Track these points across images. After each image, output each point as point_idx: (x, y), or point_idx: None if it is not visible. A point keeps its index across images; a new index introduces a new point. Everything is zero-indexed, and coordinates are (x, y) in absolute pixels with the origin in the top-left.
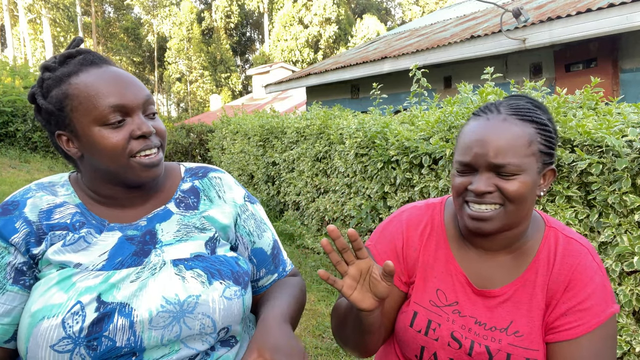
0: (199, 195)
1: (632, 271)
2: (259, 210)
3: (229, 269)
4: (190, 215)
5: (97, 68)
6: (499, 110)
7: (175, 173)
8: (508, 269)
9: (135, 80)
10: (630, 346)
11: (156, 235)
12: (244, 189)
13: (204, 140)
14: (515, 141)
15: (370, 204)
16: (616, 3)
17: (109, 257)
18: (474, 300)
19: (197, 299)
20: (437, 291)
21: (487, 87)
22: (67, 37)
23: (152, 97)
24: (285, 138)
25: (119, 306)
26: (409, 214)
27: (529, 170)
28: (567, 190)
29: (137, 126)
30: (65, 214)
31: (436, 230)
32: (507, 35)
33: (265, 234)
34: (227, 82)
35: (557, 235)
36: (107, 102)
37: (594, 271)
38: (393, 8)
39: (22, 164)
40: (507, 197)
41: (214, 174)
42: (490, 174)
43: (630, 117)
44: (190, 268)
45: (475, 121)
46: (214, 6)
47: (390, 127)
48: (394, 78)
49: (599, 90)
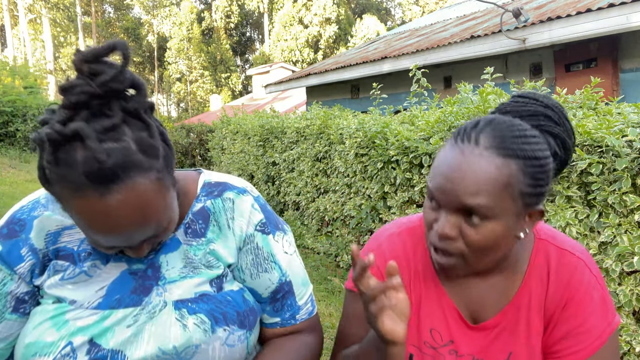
0: (208, 220)
1: (632, 271)
2: (272, 244)
3: (235, 310)
4: (197, 246)
5: (96, 199)
6: (477, 142)
7: (190, 188)
8: (500, 291)
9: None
10: (630, 346)
11: (160, 270)
12: (265, 214)
13: (204, 140)
14: (488, 184)
15: (370, 204)
16: (616, 3)
17: (106, 294)
18: (470, 335)
19: (196, 348)
20: (431, 331)
21: (487, 87)
22: (67, 37)
23: (162, 227)
24: (285, 138)
25: (111, 353)
26: (389, 244)
27: (503, 215)
28: (567, 190)
29: (125, 250)
30: (74, 239)
31: (421, 260)
32: (507, 35)
33: (266, 274)
34: (227, 82)
35: (547, 248)
36: (107, 242)
37: (592, 286)
38: (393, 8)
39: (22, 164)
40: (469, 247)
41: (228, 194)
42: (457, 215)
43: (630, 117)
44: (194, 312)
45: (450, 148)
46: (214, 6)
47: (390, 127)
48: (394, 78)
49: (599, 90)
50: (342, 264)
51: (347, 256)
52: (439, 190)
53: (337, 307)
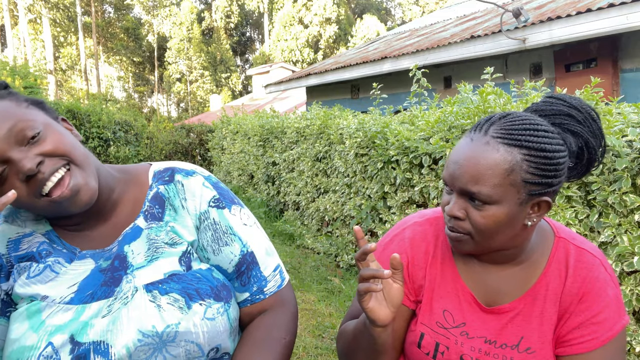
0: (164, 204)
1: (632, 271)
2: (229, 217)
3: (208, 286)
4: (157, 228)
5: None
6: (486, 131)
7: (142, 179)
8: (517, 282)
9: None
10: (631, 346)
11: (126, 259)
12: (217, 191)
13: (204, 140)
14: (490, 169)
15: (370, 204)
16: (616, 3)
17: (78, 289)
18: (483, 318)
19: (176, 327)
20: (444, 312)
21: (487, 87)
22: (67, 37)
23: (28, 120)
24: (285, 138)
25: (94, 345)
26: (411, 231)
27: (504, 201)
28: (567, 190)
29: (16, 170)
30: (32, 243)
31: (441, 247)
32: (507, 35)
33: (228, 248)
34: (227, 82)
35: (567, 246)
36: None
37: (607, 283)
38: (393, 8)
39: None
40: (474, 228)
41: (178, 177)
42: (464, 199)
43: (630, 117)
44: (166, 292)
45: (464, 138)
46: (214, 6)
47: (390, 127)
48: (394, 78)
49: (599, 90)
50: (342, 264)
51: (347, 256)
52: (450, 176)
53: (337, 307)
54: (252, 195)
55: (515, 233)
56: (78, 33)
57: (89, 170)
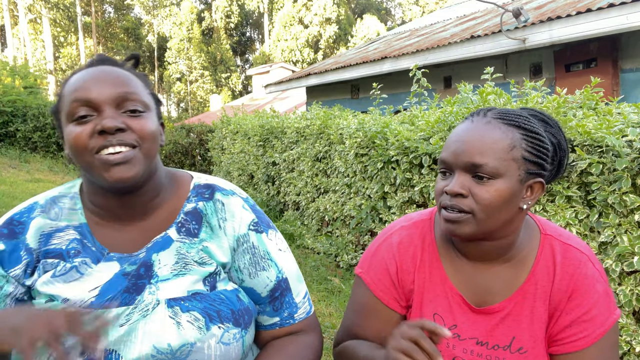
0: (201, 221)
1: (632, 271)
2: (267, 242)
3: (229, 309)
4: (190, 244)
5: (90, 68)
6: (485, 114)
7: (183, 187)
8: (505, 280)
9: (115, 76)
10: (630, 346)
11: (152, 268)
12: (255, 214)
13: (204, 140)
14: (494, 143)
15: (370, 204)
16: (616, 3)
17: (99, 293)
18: (474, 319)
19: (191, 346)
20: (434, 315)
21: (487, 87)
22: (67, 37)
23: (139, 94)
24: (285, 138)
25: (105, 353)
26: (398, 236)
27: (507, 175)
28: (567, 190)
29: (100, 120)
30: (63, 240)
31: (428, 250)
32: (507, 35)
33: (264, 272)
34: (227, 82)
35: (553, 242)
36: (74, 96)
37: (595, 279)
38: (393, 8)
39: (22, 164)
40: (479, 204)
41: (219, 195)
42: (466, 176)
43: (630, 117)
44: (187, 310)
45: (462, 124)
46: (214, 6)
47: (390, 127)
48: (394, 78)
49: (599, 90)
50: (342, 264)
51: (347, 256)
52: (452, 154)
53: (337, 307)
54: (252, 195)
55: (512, 216)
56: (78, 33)
57: (147, 160)
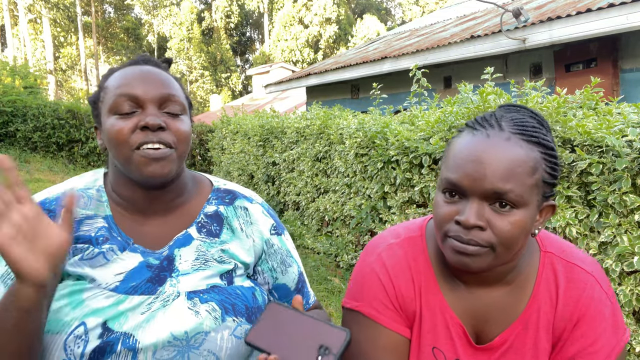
0: (222, 223)
1: (632, 271)
2: (285, 242)
3: (244, 304)
4: (211, 243)
5: (134, 66)
6: (501, 126)
7: (204, 189)
8: (505, 306)
9: (160, 77)
10: (630, 346)
11: (174, 262)
12: (273, 218)
13: (204, 140)
14: (519, 166)
15: (370, 204)
16: (616, 3)
17: (124, 279)
18: (473, 353)
19: (206, 335)
20: (434, 349)
21: (487, 87)
22: (67, 37)
23: (179, 97)
24: (285, 138)
25: (123, 336)
26: (388, 257)
27: (530, 204)
28: (567, 190)
29: (144, 117)
30: (93, 227)
31: (423, 273)
32: (507, 35)
33: (291, 268)
34: (227, 82)
35: (554, 262)
36: (120, 91)
37: (603, 304)
38: (393, 8)
39: (22, 164)
40: (499, 238)
41: (240, 202)
42: (484, 204)
43: (630, 117)
44: (206, 301)
45: (471, 135)
46: (214, 6)
47: (390, 127)
48: (394, 78)
49: (599, 90)
50: (342, 264)
51: (347, 256)
52: (467, 177)
53: (337, 307)
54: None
55: (524, 243)
56: (78, 33)
57: (180, 162)
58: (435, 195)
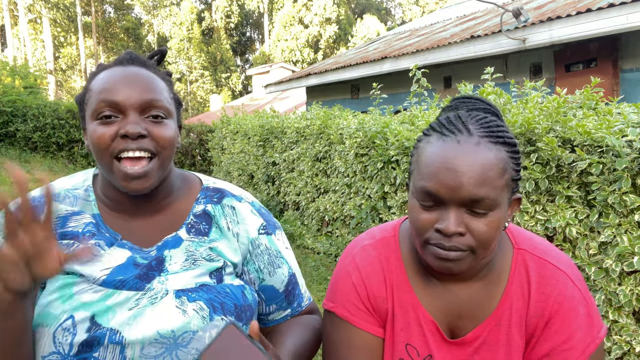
0: (210, 222)
1: (632, 271)
2: (276, 242)
3: (233, 303)
4: (199, 242)
5: (119, 66)
6: (469, 130)
7: (193, 189)
8: (478, 303)
9: (144, 80)
10: (630, 346)
11: (163, 263)
12: (263, 217)
13: (204, 140)
14: (490, 170)
15: (370, 204)
16: (616, 3)
17: (111, 273)
18: (448, 349)
19: (193, 334)
20: (407, 346)
21: (487, 87)
22: (67, 37)
23: (163, 101)
24: (285, 138)
25: (110, 332)
26: (361, 258)
27: (502, 204)
28: (567, 190)
29: (124, 124)
30: (80, 223)
31: (395, 273)
32: (507, 35)
33: (279, 269)
34: (227, 82)
35: (526, 258)
36: (102, 96)
37: (577, 301)
38: (393, 8)
39: (22, 164)
40: (478, 241)
41: (227, 200)
42: (461, 210)
43: (630, 117)
44: (194, 300)
45: (441, 142)
46: (214, 6)
47: (390, 127)
48: (394, 78)
49: (599, 90)
50: None
51: None
52: (443, 187)
53: None
54: (252, 195)
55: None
56: (78, 33)
57: (162, 169)
58: (410, 200)
